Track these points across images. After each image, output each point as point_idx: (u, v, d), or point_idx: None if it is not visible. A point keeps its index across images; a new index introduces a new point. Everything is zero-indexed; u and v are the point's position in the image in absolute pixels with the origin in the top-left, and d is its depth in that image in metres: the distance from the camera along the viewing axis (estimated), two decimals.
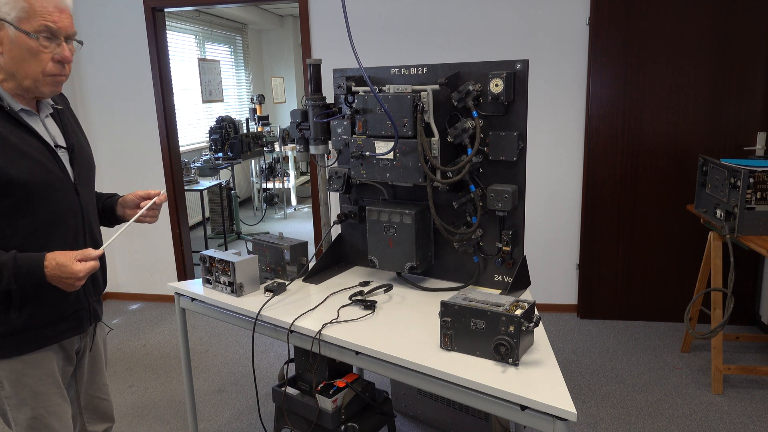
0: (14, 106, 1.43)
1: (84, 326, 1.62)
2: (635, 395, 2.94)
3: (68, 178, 1.51)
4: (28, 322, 1.47)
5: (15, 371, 1.49)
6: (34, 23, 1.36)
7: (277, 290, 2.11)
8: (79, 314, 1.59)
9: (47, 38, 1.39)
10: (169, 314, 4.22)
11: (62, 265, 1.39)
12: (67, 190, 1.51)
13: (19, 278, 1.38)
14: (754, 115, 3.47)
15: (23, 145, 1.41)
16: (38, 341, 1.50)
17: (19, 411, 1.52)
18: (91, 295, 1.64)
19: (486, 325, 1.58)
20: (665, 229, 3.69)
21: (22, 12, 1.35)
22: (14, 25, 1.35)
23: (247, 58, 8.55)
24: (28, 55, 1.38)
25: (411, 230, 2.08)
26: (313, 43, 3.90)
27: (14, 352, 1.47)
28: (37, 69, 1.40)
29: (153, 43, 4.04)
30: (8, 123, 1.40)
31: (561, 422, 1.38)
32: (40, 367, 1.52)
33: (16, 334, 1.46)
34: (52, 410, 1.55)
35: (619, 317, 3.87)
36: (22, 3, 1.34)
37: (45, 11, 1.36)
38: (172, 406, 3.00)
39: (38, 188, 1.42)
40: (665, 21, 3.45)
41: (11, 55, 1.38)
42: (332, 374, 2.21)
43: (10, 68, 1.40)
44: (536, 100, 3.55)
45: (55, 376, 1.56)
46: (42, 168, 1.43)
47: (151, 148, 4.22)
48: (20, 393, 1.50)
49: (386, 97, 1.99)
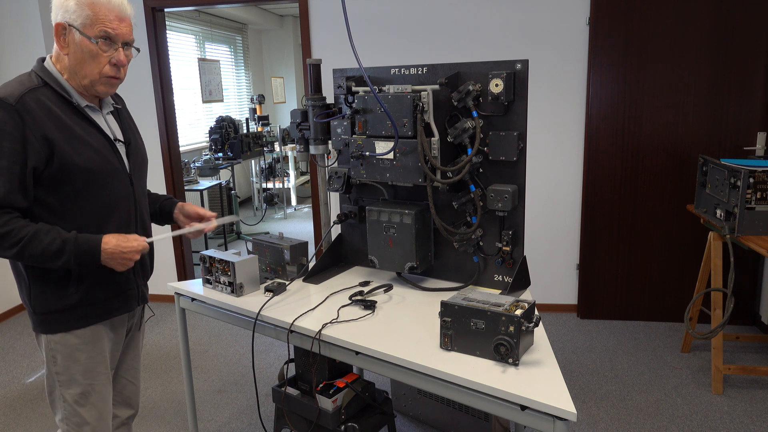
0: (81, 102, 1.59)
1: (132, 305, 1.76)
2: (635, 395, 2.94)
3: (124, 169, 1.67)
4: (84, 298, 1.61)
5: (69, 346, 1.62)
6: (95, 29, 1.52)
7: (277, 290, 2.11)
8: (129, 294, 1.74)
9: (106, 43, 1.54)
10: (169, 314, 4.22)
11: (123, 240, 1.57)
12: (123, 179, 1.66)
13: (78, 257, 1.51)
14: (754, 115, 3.47)
15: (87, 136, 1.57)
16: (92, 317, 1.64)
17: (68, 387, 1.64)
18: (139, 277, 1.78)
19: (486, 325, 1.58)
20: (665, 229, 3.69)
21: (86, 19, 1.51)
22: (79, 30, 1.51)
23: (247, 58, 8.55)
24: (88, 57, 1.54)
25: (411, 230, 2.08)
26: (313, 43, 3.90)
27: (70, 326, 1.61)
28: (95, 70, 1.56)
29: (153, 43, 4.04)
30: (75, 116, 1.57)
31: (561, 422, 1.39)
32: (92, 343, 1.65)
33: (72, 309, 1.60)
34: (98, 389, 1.68)
35: (619, 317, 3.87)
36: (87, 11, 1.51)
37: (106, 19, 1.53)
38: (172, 406, 3.00)
39: (98, 176, 1.58)
40: (665, 21, 3.45)
41: (75, 56, 1.54)
42: (332, 374, 2.21)
43: (74, 67, 1.56)
44: (536, 100, 3.56)
45: (105, 355, 1.70)
46: (102, 158, 1.59)
47: (151, 148, 4.21)
48: (71, 368, 1.63)
49: (386, 97, 1.99)
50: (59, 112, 1.52)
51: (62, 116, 1.52)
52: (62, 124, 1.52)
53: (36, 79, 1.54)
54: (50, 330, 1.61)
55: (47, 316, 1.60)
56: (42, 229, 1.49)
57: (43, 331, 1.62)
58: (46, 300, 1.59)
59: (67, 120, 1.53)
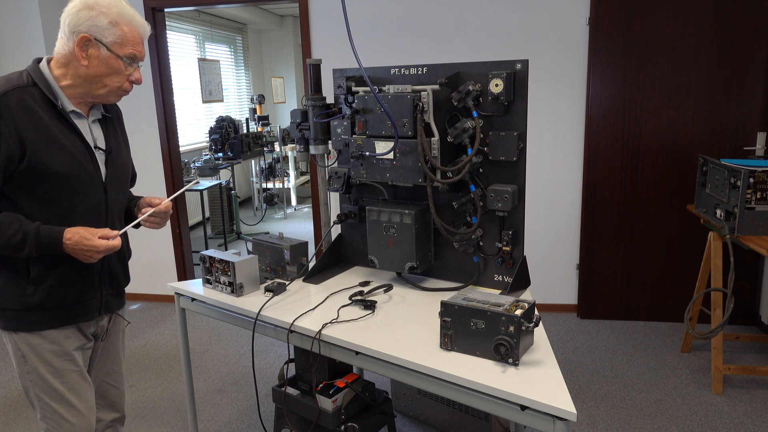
0: (66, 107, 1.59)
1: (92, 314, 1.73)
2: (635, 395, 2.94)
3: (99, 177, 1.65)
4: (42, 302, 1.60)
5: (33, 345, 1.63)
6: (125, 50, 1.58)
7: (277, 290, 2.11)
8: (90, 303, 1.71)
9: (131, 63, 1.61)
10: (169, 314, 4.22)
11: (85, 238, 1.54)
12: (96, 186, 1.65)
13: (39, 249, 1.52)
14: (754, 115, 3.47)
15: (65, 140, 1.56)
16: (50, 321, 1.63)
17: (41, 386, 1.65)
18: (106, 287, 1.75)
19: (486, 325, 1.58)
20: (665, 229, 3.69)
21: (118, 38, 1.56)
22: (107, 47, 1.55)
23: (247, 58, 8.55)
24: (113, 72, 1.59)
25: (411, 230, 2.08)
26: (313, 43, 3.90)
27: (30, 327, 1.62)
28: (116, 85, 1.61)
29: (153, 43, 4.04)
30: (57, 119, 1.57)
31: (561, 422, 1.39)
32: (56, 343, 1.65)
33: (31, 311, 1.61)
34: (71, 387, 1.67)
35: (619, 317, 3.87)
36: (119, 32, 1.56)
37: (135, 41, 1.60)
38: (172, 406, 3.00)
39: (70, 180, 1.57)
40: (665, 21, 3.45)
41: (97, 69, 1.57)
42: (332, 374, 2.21)
43: (90, 77, 1.58)
44: (536, 100, 3.56)
45: (72, 354, 1.68)
46: (77, 163, 1.58)
47: (151, 148, 4.22)
48: (39, 368, 1.64)
49: (386, 97, 1.99)
50: (41, 113, 1.53)
51: (43, 117, 1.53)
52: (41, 125, 1.52)
53: (26, 78, 1.55)
54: (11, 327, 1.62)
55: (7, 312, 1.61)
56: (4, 221, 1.50)
57: (3, 327, 1.63)
58: (6, 297, 1.60)
59: (47, 122, 1.53)
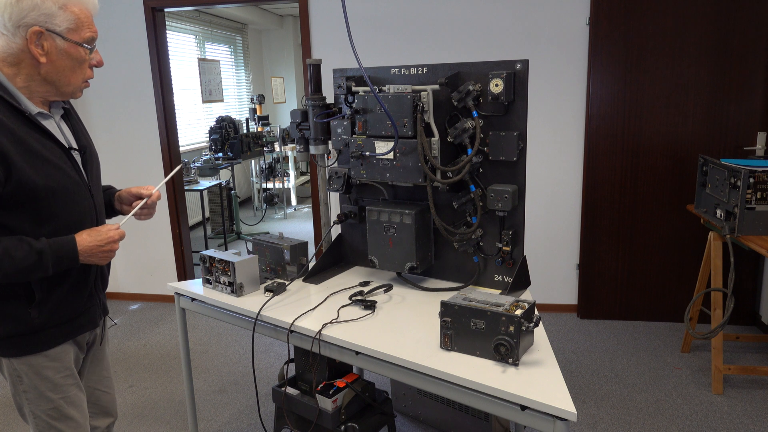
0: (32, 110, 1.43)
1: (97, 321, 1.69)
2: (635, 395, 2.94)
3: (83, 181, 1.54)
4: (48, 321, 1.51)
5: (35, 365, 1.52)
6: (82, 34, 1.41)
7: (277, 290, 2.11)
8: (93, 309, 1.65)
9: (90, 48, 1.44)
10: (169, 314, 4.22)
11: (97, 236, 1.47)
12: (83, 192, 1.53)
13: (57, 264, 1.42)
14: (754, 115, 3.47)
15: (44, 150, 1.42)
16: (58, 337, 1.54)
17: (38, 404, 1.55)
18: (100, 290, 1.70)
19: (486, 325, 1.58)
20: (665, 229, 3.69)
21: (72, 24, 1.38)
22: (63, 36, 1.38)
23: (247, 58, 8.55)
24: (76, 64, 1.43)
25: (411, 230, 2.08)
26: (313, 43, 3.90)
27: (35, 349, 1.51)
28: (81, 77, 1.46)
29: (153, 43, 4.04)
30: (27, 127, 1.40)
31: (561, 422, 1.39)
32: (58, 360, 1.56)
33: (36, 333, 1.50)
34: (71, 401, 1.60)
35: (619, 317, 3.86)
36: (70, 15, 1.38)
37: (89, 21, 1.42)
38: (172, 406, 3.00)
39: (60, 194, 1.44)
40: (665, 21, 3.45)
41: (58, 65, 1.41)
42: (332, 374, 2.21)
43: (52, 77, 1.42)
44: (536, 100, 3.55)
45: (72, 368, 1.61)
46: (62, 173, 1.45)
47: (151, 148, 4.22)
48: (39, 386, 1.53)
49: (386, 97, 1.99)
50: (10, 124, 1.36)
51: (15, 130, 1.36)
52: (16, 139, 1.35)
53: None
54: (13, 354, 1.50)
55: (9, 340, 1.48)
56: (10, 246, 1.36)
57: (4, 355, 1.50)
58: (7, 325, 1.46)
59: (20, 133, 1.36)
